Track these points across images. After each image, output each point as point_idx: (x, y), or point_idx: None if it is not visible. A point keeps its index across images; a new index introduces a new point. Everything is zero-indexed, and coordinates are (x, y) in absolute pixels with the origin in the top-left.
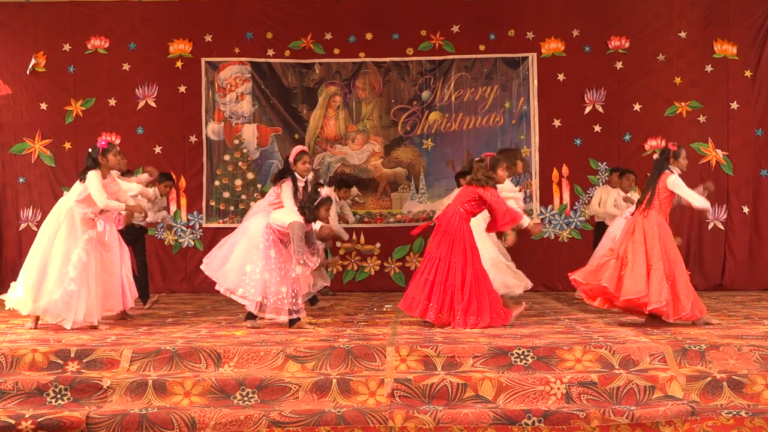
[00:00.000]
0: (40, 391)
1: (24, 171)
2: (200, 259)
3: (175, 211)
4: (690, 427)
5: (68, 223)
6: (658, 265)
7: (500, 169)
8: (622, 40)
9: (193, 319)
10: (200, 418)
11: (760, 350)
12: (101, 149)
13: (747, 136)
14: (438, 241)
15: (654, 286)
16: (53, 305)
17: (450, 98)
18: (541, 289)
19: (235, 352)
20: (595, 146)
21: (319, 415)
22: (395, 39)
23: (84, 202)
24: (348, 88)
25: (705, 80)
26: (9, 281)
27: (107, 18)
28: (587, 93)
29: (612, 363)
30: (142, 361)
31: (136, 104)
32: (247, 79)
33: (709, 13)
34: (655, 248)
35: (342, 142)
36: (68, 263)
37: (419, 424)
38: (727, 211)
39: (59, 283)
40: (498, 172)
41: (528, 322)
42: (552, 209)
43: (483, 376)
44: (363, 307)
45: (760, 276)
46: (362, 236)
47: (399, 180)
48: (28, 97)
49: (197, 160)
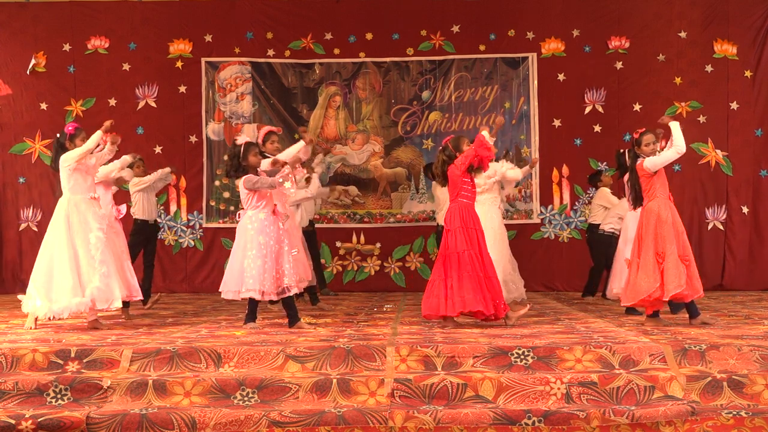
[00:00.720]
0: (40, 391)
1: (24, 171)
2: (200, 259)
3: (176, 211)
4: (690, 427)
5: (75, 215)
6: (672, 249)
7: (464, 144)
8: (622, 40)
9: (193, 319)
10: (200, 418)
11: (760, 350)
12: (68, 134)
13: (747, 136)
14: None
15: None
16: (98, 292)
17: (450, 98)
18: (541, 289)
19: (235, 352)
20: (595, 146)
21: (319, 415)
22: (395, 39)
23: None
24: (348, 88)
25: (705, 80)
26: (9, 281)
27: (107, 18)
28: (587, 93)
29: (612, 363)
30: (142, 361)
31: (136, 104)
32: (247, 79)
33: (709, 13)
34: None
35: (342, 142)
36: (89, 248)
37: (419, 424)
38: (727, 212)
39: (92, 270)
40: (463, 148)
41: (528, 322)
42: (552, 209)
43: (483, 376)
44: (363, 307)
45: (760, 276)
46: (362, 236)
47: (399, 180)
48: (28, 97)
49: (197, 160)
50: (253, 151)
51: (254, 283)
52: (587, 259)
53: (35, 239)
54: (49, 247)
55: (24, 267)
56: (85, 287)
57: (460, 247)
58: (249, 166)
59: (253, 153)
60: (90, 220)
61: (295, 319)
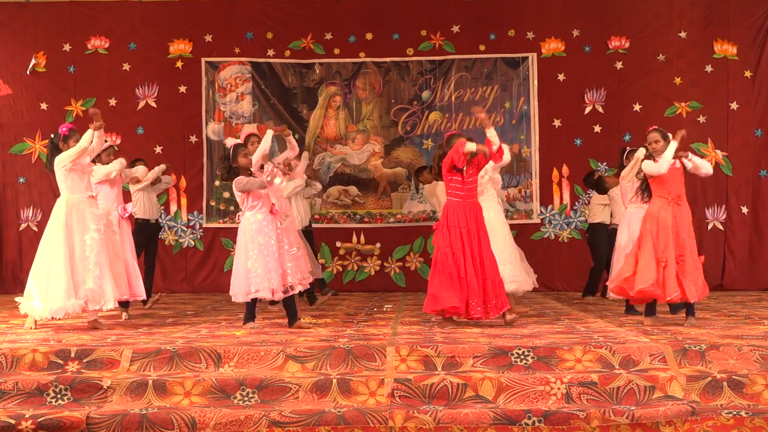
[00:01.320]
0: (40, 391)
1: (24, 171)
2: (200, 259)
3: (176, 211)
4: (690, 427)
5: (74, 215)
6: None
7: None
8: (622, 40)
9: (193, 319)
10: (200, 418)
11: (760, 350)
12: (62, 136)
13: (746, 136)
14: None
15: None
16: (91, 293)
17: (450, 98)
18: (541, 289)
19: (235, 352)
20: (595, 146)
21: (319, 415)
22: (395, 39)
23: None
24: (348, 88)
25: (705, 80)
26: (9, 281)
27: (107, 18)
28: (587, 93)
29: (612, 363)
30: (142, 361)
31: (136, 104)
32: (248, 79)
33: (709, 13)
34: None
35: (342, 142)
36: (85, 249)
37: (419, 424)
38: (727, 212)
39: (86, 271)
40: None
41: (528, 322)
42: (552, 209)
43: (483, 376)
44: (363, 307)
45: (760, 276)
46: (362, 236)
47: (399, 180)
48: (28, 97)
49: (197, 160)
50: (242, 153)
51: (262, 282)
52: (587, 259)
53: (35, 239)
54: (46, 248)
55: (24, 267)
56: (79, 288)
57: (438, 246)
58: (240, 167)
59: (242, 154)
60: (88, 220)
61: (294, 318)
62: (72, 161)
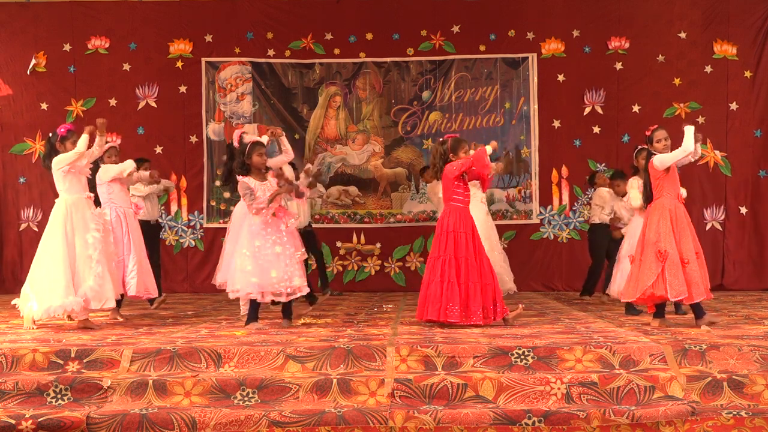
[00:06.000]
0: (40, 391)
1: (24, 171)
2: (201, 259)
3: (176, 211)
4: (690, 427)
5: (74, 215)
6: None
7: (461, 150)
8: (622, 40)
9: (193, 319)
10: (200, 418)
11: (761, 350)
12: (60, 136)
13: (746, 136)
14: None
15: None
16: (92, 292)
17: (450, 98)
18: (541, 289)
19: (235, 352)
20: (594, 147)
21: (319, 415)
22: (395, 39)
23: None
24: (348, 88)
25: (705, 81)
26: (9, 281)
27: (107, 18)
28: (587, 94)
29: (612, 363)
30: (143, 361)
31: (136, 104)
32: (248, 79)
33: (709, 13)
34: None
35: (342, 143)
36: (87, 248)
37: (419, 424)
38: (726, 212)
39: (88, 269)
40: (460, 154)
41: (528, 322)
42: (551, 210)
43: (483, 376)
44: (363, 307)
45: (760, 276)
46: (362, 236)
47: (399, 180)
48: (28, 97)
49: (198, 160)
50: (257, 151)
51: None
52: (587, 259)
53: (35, 239)
54: (45, 248)
55: (24, 267)
56: (79, 286)
57: (433, 253)
58: (253, 165)
59: (257, 153)
60: (88, 220)
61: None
62: (69, 164)
